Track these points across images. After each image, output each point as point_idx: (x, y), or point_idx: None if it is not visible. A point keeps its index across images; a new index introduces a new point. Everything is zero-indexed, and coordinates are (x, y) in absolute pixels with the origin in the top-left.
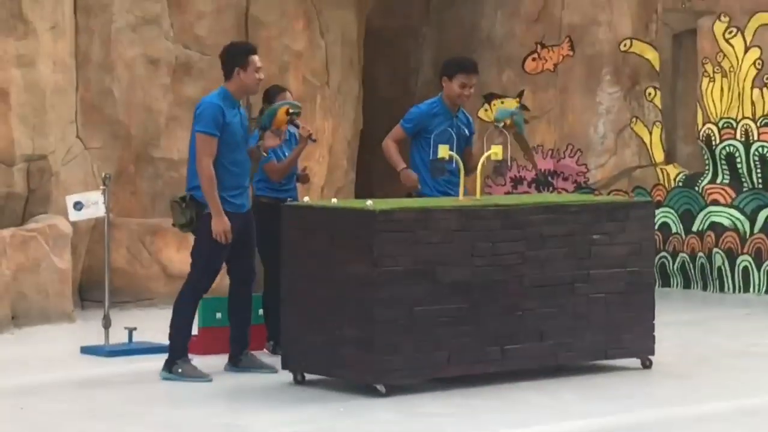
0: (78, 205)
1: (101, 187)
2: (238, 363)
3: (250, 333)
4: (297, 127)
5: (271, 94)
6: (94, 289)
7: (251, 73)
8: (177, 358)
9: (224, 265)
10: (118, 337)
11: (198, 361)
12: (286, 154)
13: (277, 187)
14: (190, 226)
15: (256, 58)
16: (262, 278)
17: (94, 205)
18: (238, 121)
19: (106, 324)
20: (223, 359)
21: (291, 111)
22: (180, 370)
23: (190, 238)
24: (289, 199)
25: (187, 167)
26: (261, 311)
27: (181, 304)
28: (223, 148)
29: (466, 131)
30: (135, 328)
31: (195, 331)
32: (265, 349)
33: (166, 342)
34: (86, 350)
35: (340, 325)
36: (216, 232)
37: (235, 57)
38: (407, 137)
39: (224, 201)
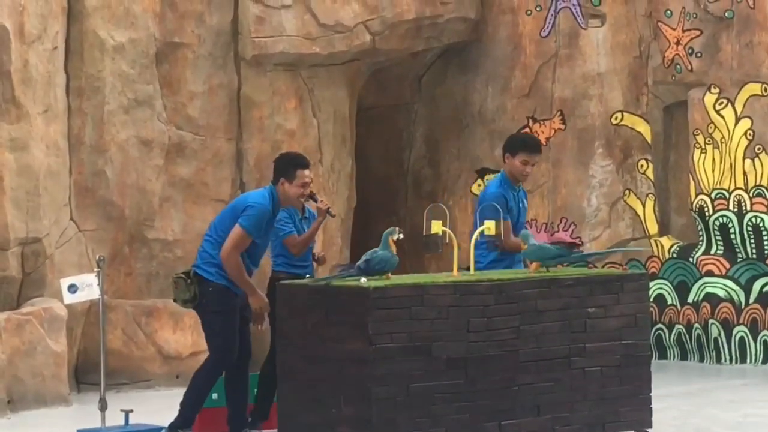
0: (72, 288)
1: (96, 269)
2: None
3: (246, 412)
4: (315, 201)
5: None
6: (90, 371)
7: (295, 186)
8: (180, 427)
9: None
10: (114, 419)
11: None
12: (305, 229)
13: (296, 262)
14: (193, 301)
15: (305, 173)
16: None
17: (88, 287)
18: (273, 226)
19: (102, 407)
20: None
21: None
22: None
23: (187, 319)
24: (307, 275)
25: (202, 244)
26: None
27: (199, 379)
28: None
29: (526, 203)
30: (131, 411)
31: None
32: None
33: (163, 424)
34: None
35: (337, 403)
36: (257, 308)
37: (283, 168)
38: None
39: (230, 283)
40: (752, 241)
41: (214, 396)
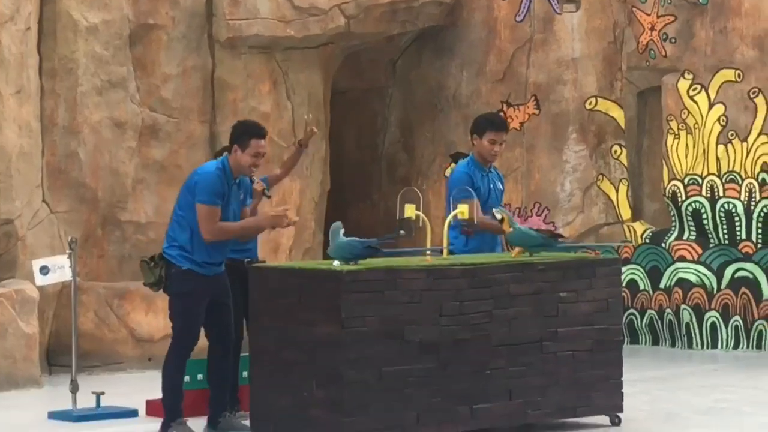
0: (44, 270)
1: (68, 251)
2: (216, 425)
3: (228, 394)
4: (252, 182)
5: None
6: (61, 353)
7: (247, 155)
8: (171, 420)
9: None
10: (86, 401)
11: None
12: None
13: (237, 247)
14: (159, 284)
15: (261, 143)
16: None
17: (60, 269)
18: (232, 195)
19: (74, 389)
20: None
21: None
22: None
23: (159, 302)
24: (247, 259)
25: (167, 228)
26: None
27: (167, 367)
28: None
29: (500, 185)
30: (103, 393)
31: None
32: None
33: (134, 406)
34: (54, 415)
35: (309, 386)
36: (277, 224)
37: (238, 135)
38: None
39: (194, 265)
40: (724, 226)
41: (199, 377)
